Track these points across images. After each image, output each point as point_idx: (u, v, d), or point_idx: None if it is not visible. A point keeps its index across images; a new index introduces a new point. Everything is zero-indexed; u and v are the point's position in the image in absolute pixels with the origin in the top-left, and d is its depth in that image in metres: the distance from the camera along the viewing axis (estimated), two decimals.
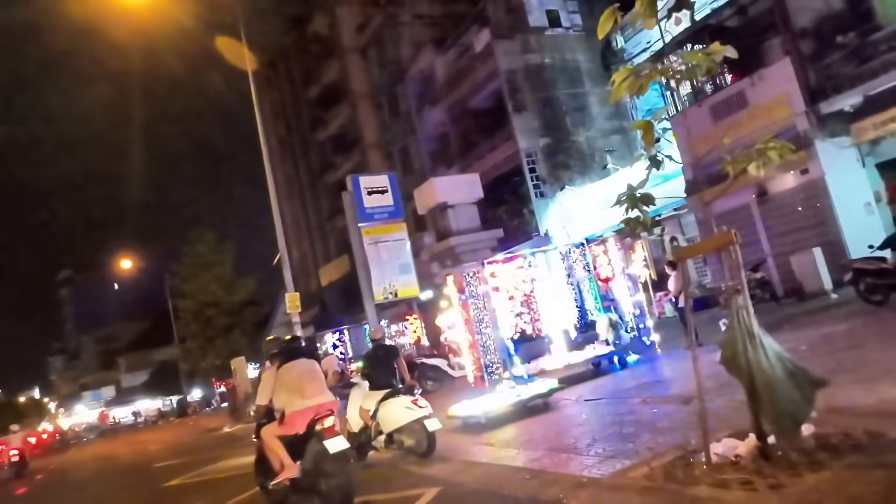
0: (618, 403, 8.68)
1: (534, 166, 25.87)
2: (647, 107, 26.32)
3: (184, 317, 33.15)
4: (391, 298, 10.54)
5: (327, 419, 6.20)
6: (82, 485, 15.17)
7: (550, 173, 25.96)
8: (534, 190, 25.69)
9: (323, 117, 38.34)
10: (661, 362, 11.35)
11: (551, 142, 26.16)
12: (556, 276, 11.76)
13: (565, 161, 26.30)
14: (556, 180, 25.83)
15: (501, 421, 9.07)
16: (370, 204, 11.02)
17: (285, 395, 6.33)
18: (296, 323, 15.95)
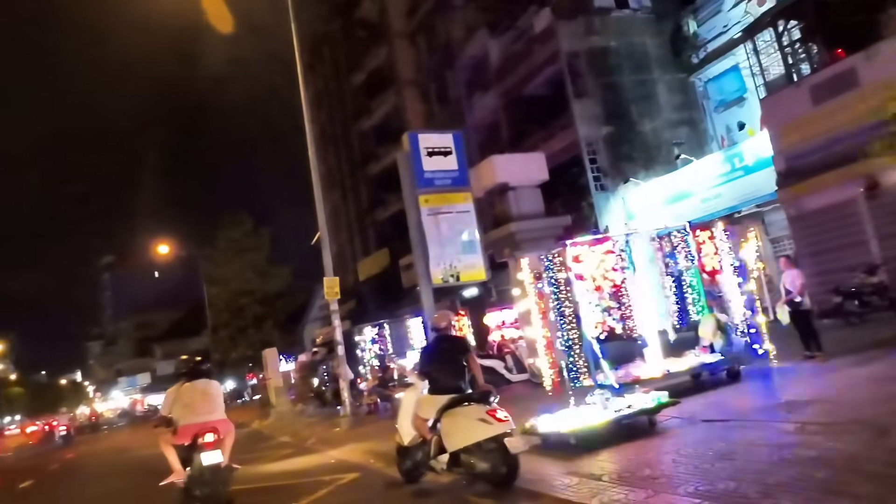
0: (757, 428, 6.43)
1: (594, 157, 23.57)
2: (720, 96, 23.92)
3: (216, 304, 31.64)
4: (451, 282, 8.51)
5: (207, 434, 7.05)
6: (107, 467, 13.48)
7: (612, 165, 23.61)
8: (594, 182, 23.39)
9: (367, 106, 36.58)
10: (783, 376, 9.02)
11: (614, 131, 23.81)
12: (650, 266, 9.52)
13: (629, 152, 23.91)
14: (618, 173, 23.47)
15: (595, 442, 6.89)
16: (431, 167, 8.97)
17: (180, 410, 7.33)
18: (334, 311, 14.05)
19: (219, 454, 7.09)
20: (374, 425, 13.08)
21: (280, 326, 32.29)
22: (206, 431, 7.07)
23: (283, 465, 10.26)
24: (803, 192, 15.93)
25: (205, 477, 6.99)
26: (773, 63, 19.20)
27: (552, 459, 6.72)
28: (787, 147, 16.66)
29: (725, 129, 23.29)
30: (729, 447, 5.87)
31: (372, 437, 11.43)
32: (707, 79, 24.08)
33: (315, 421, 16.87)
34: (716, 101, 23.86)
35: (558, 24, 23.87)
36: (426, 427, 6.62)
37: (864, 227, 14.87)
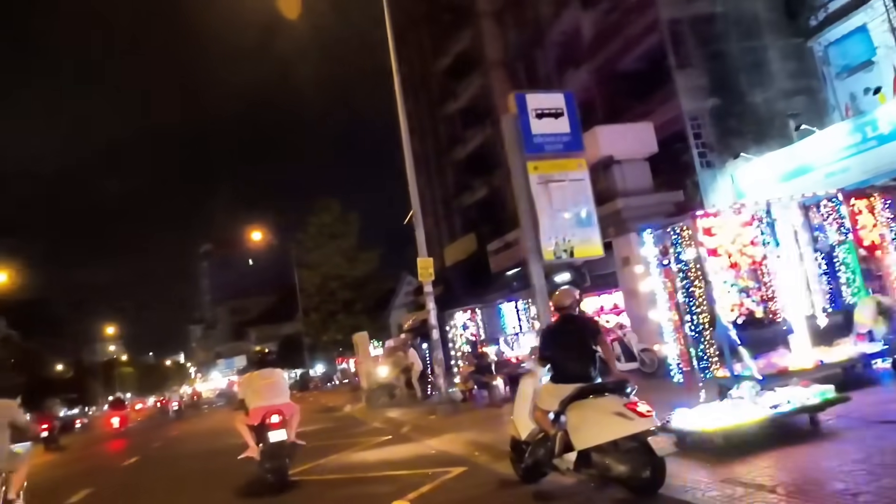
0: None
1: (699, 132, 21.74)
2: (843, 61, 21.49)
3: (307, 289, 31.96)
4: (564, 258, 7.53)
5: (273, 416, 8.02)
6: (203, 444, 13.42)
7: (719, 140, 21.69)
8: (699, 159, 21.57)
9: (452, 89, 35.76)
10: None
11: (721, 104, 21.84)
12: (796, 240, 8.17)
13: (738, 126, 21.89)
14: (725, 148, 21.53)
15: (747, 444, 5.76)
16: (540, 130, 7.98)
17: (250, 395, 8.38)
18: (428, 293, 13.37)
19: (284, 433, 8.07)
20: (470, 414, 12.31)
21: (369, 311, 32.21)
22: (272, 413, 8.11)
23: (380, 453, 9.64)
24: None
25: (273, 452, 7.99)
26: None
27: (696, 462, 5.65)
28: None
29: (850, 97, 20.89)
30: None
31: (471, 426, 10.64)
32: (827, 42, 21.64)
33: (407, 407, 16.32)
34: (838, 66, 21.43)
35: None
36: (548, 420, 5.70)
37: None
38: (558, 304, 5.83)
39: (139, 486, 10.74)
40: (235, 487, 8.38)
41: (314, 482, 8.08)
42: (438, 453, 8.78)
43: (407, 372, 18.10)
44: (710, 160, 21.76)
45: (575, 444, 5.32)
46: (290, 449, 8.17)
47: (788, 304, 7.95)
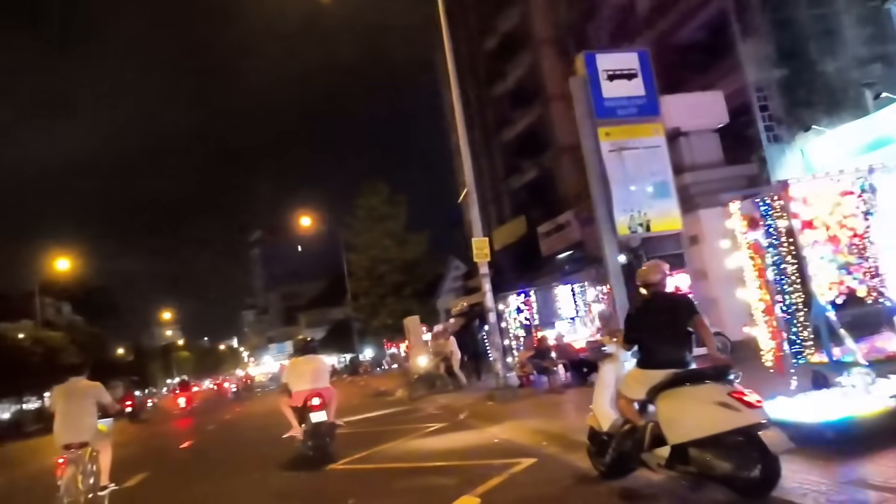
0: None
1: (766, 104, 20.42)
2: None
3: (356, 272, 31.70)
4: (640, 233, 6.80)
5: (314, 399, 8.75)
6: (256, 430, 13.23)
7: (788, 112, 20.31)
8: (765, 133, 20.29)
9: (500, 70, 34.85)
10: None
11: (789, 74, 20.43)
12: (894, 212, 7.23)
13: (807, 97, 20.48)
14: (795, 121, 20.15)
15: (864, 440, 5.01)
16: (612, 93, 7.29)
17: (293, 379, 9.17)
18: (484, 274, 12.81)
19: (324, 414, 8.79)
20: (530, 401, 11.73)
21: (418, 296, 31.83)
22: (313, 396, 8.82)
23: (439, 441, 9.15)
24: None
25: (314, 432, 8.71)
26: None
27: (806, 460, 4.92)
28: None
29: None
30: None
31: (533, 414, 10.07)
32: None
33: (460, 392, 15.85)
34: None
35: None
36: (634, 410, 5.08)
37: None
38: (646, 280, 5.16)
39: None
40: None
41: (374, 471, 7.65)
42: (502, 442, 8.23)
43: (447, 360, 17.53)
44: (777, 134, 20.41)
45: (669, 437, 4.68)
46: (330, 429, 8.93)
47: (894, 282, 7.05)
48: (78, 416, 6.96)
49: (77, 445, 6.81)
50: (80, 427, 6.91)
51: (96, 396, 7.22)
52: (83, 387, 7.24)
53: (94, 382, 7.38)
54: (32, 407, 44.27)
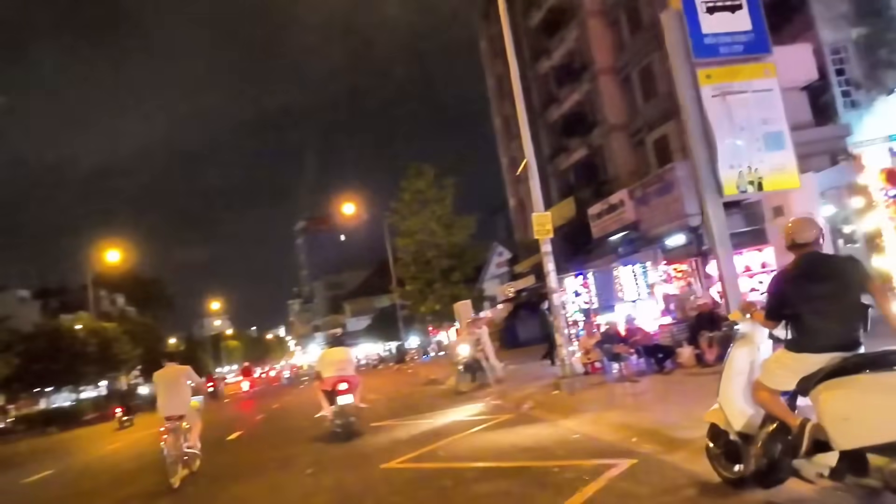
0: None
1: (842, 67, 18.72)
2: None
3: (402, 258, 30.80)
4: (750, 192, 5.62)
5: (342, 384, 10.21)
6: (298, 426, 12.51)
7: (867, 75, 18.60)
8: (842, 98, 18.59)
9: (546, 46, 33.38)
10: None
11: (868, 33, 18.68)
12: None
13: (889, 58, 18.69)
14: (875, 84, 18.43)
15: None
16: (712, 28, 6.08)
17: (325, 367, 10.77)
18: (546, 252, 11.70)
19: (350, 397, 10.19)
20: (602, 390, 10.60)
21: (467, 281, 30.79)
22: (341, 382, 10.25)
23: (508, 435, 8.11)
24: None
25: (341, 412, 10.13)
26: None
27: None
28: None
29: None
30: None
31: (609, 405, 8.97)
32: None
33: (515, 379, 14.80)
34: None
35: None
36: (784, 406, 3.96)
37: None
38: (796, 239, 3.99)
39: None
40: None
41: (440, 472, 6.66)
42: (584, 438, 7.15)
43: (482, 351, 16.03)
44: (855, 99, 18.72)
45: (838, 441, 3.56)
46: (356, 410, 10.34)
47: None
48: (176, 394, 8.58)
49: (176, 417, 8.37)
50: (178, 403, 8.52)
51: (189, 377, 8.88)
52: (178, 370, 8.87)
53: (185, 366, 8.98)
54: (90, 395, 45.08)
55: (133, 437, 19.86)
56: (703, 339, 10.82)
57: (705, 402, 6.84)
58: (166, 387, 8.64)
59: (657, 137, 26.39)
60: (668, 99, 25.74)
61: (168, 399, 8.52)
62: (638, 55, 27.23)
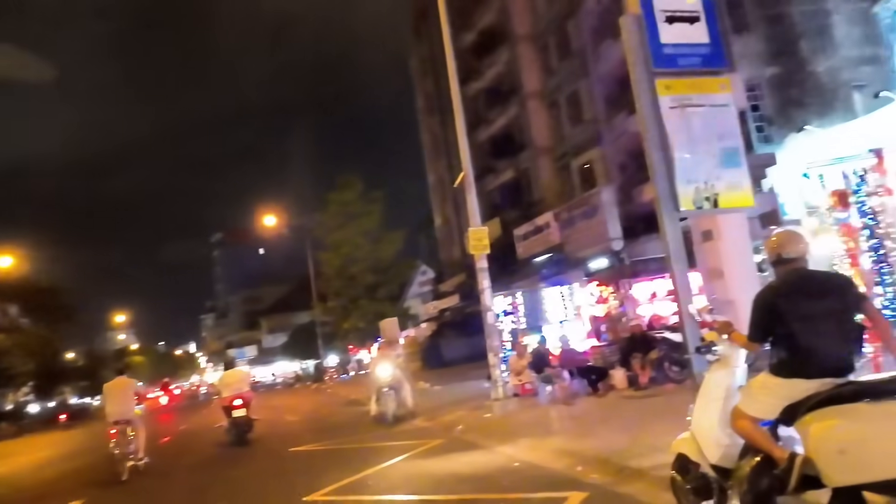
0: None
1: (757, 103, 19.57)
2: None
3: (326, 272, 29.68)
4: (706, 209, 5.36)
5: (236, 400, 12.45)
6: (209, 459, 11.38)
7: (779, 112, 19.51)
8: (756, 133, 19.40)
9: (476, 67, 33.48)
10: None
11: (781, 72, 19.66)
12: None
13: (798, 97, 19.69)
14: (787, 121, 19.32)
15: None
16: (671, 38, 5.84)
17: (223, 387, 13.27)
18: (482, 269, 11.25)
19: (243, 411, 12.40)
20: (536, 413, 10.17)
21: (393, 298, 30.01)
22: (235, 398, 12.43)
23: (441, 463, 7.46)
24: None
25: (235, 424, 12.31)
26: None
27: None
28: None
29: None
30: None
31: (547, 429, 8.53)
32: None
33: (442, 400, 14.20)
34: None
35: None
36: (768, 436, 3.57)
37: None
38: (780, 254, 3.63)
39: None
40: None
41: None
42: (526, 467, 6.63)
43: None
44: (768, 134, 19.58)
45: (832, 476, 3.18)
46: (248, 421, 12.48)
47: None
48: (124, 402, 10.01)
49: (124, 421, 9.75)
50: (125, 409, 9.92)
51: (134, 388, 10.42)
52: (126, 382, 10.34)
53: (132, 379, 10.72)
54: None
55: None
56: (635, 362, 10.63)
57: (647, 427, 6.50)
58: (115, 396, 10.08)
59: (583, 162, 26.80)
60: (594, 125, 26.31)
61: (117, 406, 9.95)
62: (566, 81, 27.68)
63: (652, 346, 10.50)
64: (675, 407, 5.10)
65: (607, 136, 25.21)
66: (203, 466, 10.54)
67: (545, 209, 27.67)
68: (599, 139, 25.61)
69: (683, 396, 5.32)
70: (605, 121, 25.39)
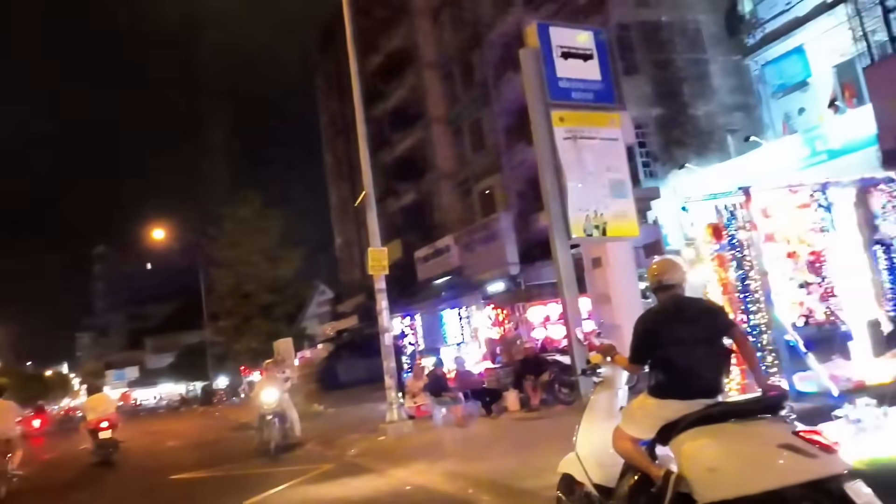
0: None
1: (644, 140, 20.89)
2: (779, 81, 21.32)
3: (218, 290, 28.34)
4: (595, 236, 5.63)
5: (103, 423, 12.94)
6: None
7: (663, 150, 20.94)
8: (643, 168, 20.67)
9: (382, 90, 33.63)
10: None
11: (665, 113, 21.13)
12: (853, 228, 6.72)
13: (680, 137, 21.23)
14: (669, 159, 20.77)
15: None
16: (566, 73, 6.13)
17: (88, 411, 14.05)
18: (380, 290, 11.16)
19: (109, 433, 12.90)
20: (430, 436, 10.13)
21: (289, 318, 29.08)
22: (101, 421, 12.94)
23: (333, 489, 7.24)
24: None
25: (101, 445, 12.82)
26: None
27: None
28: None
29: (784, 117, 20.66)
30: None
31: (440, 452, 8.49)
32: (764, 62, 21.42)
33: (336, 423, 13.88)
34: (773, 85, 21.22)
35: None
36: (646, 455, 3.73)
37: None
38: (663, 281, 3.85)
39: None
40: None
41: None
42: (418, 490, 6.56)
43: None
44: (654, 170, 20.95)
45: (702, 492, 3.36)
46: (114, 443, 12.96)
47: (849, 305, 6.44)
48: (4, 422, 10.08)
49: (3, 441, 9.90)
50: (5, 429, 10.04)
51: (14, 409, 10.74)
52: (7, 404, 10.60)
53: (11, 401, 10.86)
54: None
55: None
56: (528, 384, 10.88)
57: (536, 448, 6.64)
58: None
59: (484, 188, 27.45)
60: (496, 153, 27.07)
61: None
62: (469, 109, 28.34)
63: (544, 368, 10.80)
64: (563, 428, 5.24)
65: (508, 164, 25.99)
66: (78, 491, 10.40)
67: (446, 232, 28.05)
68: (500, 166, 26.36)
69: (572, 417, 5.46)
70: (505, 149, 26.17)
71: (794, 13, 19.70)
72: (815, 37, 19.36)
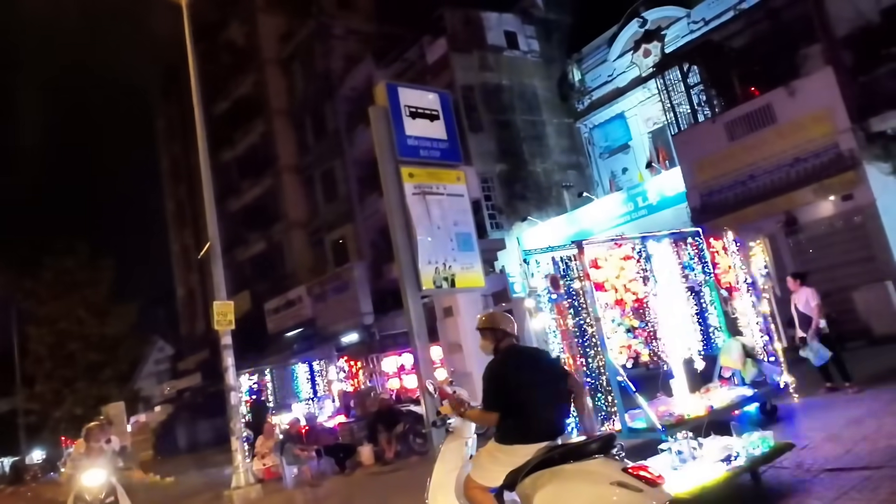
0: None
1: (489, 194, 22.06)
2: (605, 143, 23.69)
3: (36, 350, 25.02)
4: (445, 288, 5.86)
5: None
6: None
7: (507, 203, 22.22)
8: (489, 220, 21.75)
9: (230, 136, 32.58)
10: (820, 413, 7.38)
11: (508, 169, 22.55)
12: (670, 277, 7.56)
13: (522, 191, 22.72)
14: (512, 212, 22.10)
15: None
16: (414, 131, 6.37)
17: None
18: (226, 345, 10.55)
19: None
20: (277, 499, 9.60)
21: (122, 379, 26.36)
22: None
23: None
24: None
25: None
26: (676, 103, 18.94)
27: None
28: (701, 183, 16.11)
29: (611, 175, 22.94)
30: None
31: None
32: (592, 125, 23.79)
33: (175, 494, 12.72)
34: (601, 147, 23.57)
35: (453, 55, 22.47)
36: (492, 502, 3.84)
37: (784, 262, 14.33)
38: (496, 325, 4.03)
39: None
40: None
41: None
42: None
43: None
44: (499, 222, 22.10)
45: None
46: None
47: (670, 346, 7.18)
48: None
49: None
50: None
51: None
52: None
53: None
54: None
55: None
56: (382, 436, 10.75)
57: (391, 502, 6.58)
58: None
59: (336, 238, 27.23)
60: (348, 203, 27.09)
61: None
62: (321, 159, 28.25)
63: (398, 419, 10.75)
64: (417, 479, 5.25)
65: (360, 214, 26.10)
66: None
67: (297, 283, 27.34)
68: (353, 216, 26.39)
69: (426, 468, 5.49)
70: (358, 199, 26.31)
71: (615, 84, 22.20)
72: (633, 105, 21.93)
